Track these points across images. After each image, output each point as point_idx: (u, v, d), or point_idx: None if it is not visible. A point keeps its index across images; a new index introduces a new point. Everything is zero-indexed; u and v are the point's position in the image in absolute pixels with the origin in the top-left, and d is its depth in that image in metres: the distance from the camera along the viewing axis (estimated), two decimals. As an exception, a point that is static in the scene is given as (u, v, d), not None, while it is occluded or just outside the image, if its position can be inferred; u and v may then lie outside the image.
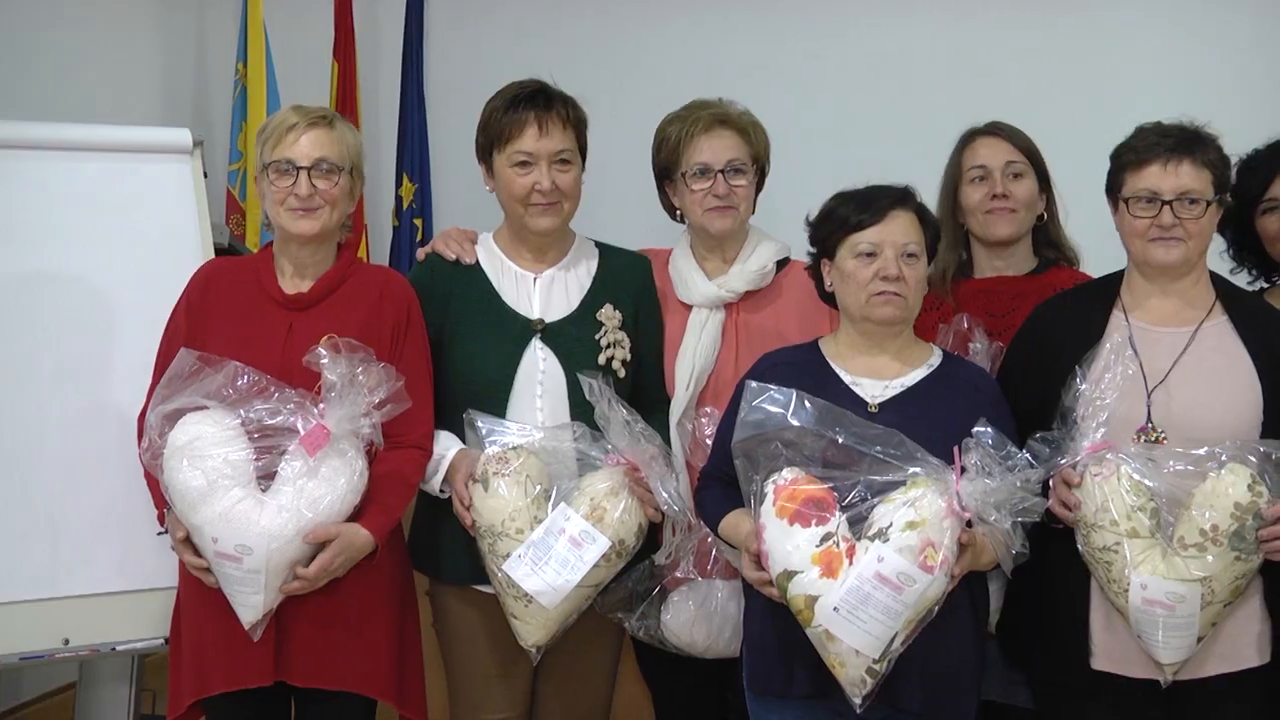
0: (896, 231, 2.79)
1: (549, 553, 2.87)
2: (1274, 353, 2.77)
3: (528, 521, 2.88)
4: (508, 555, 2.87)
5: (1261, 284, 3.42)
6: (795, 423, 2.67)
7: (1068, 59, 4.81)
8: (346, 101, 5.07)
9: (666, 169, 3.27)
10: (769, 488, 2.67)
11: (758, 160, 3.26)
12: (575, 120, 3.11)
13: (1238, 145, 3.25)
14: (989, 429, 2.58)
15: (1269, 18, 4.73)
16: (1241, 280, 3.42)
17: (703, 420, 3.09)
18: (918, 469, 2.61)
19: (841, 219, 2.82)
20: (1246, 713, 2.76)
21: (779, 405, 2.69)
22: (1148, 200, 2.77)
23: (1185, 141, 2.77)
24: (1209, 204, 2.76)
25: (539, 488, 2.92)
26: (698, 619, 3.04)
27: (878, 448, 2.63)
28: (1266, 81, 4.65)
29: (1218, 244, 3.26)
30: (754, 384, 2.73)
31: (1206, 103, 4.09)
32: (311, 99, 3.27)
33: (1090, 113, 3.66)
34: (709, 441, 3.02)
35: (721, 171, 3.19)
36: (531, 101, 3.05)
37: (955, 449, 2.58)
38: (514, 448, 2.93)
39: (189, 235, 3.50)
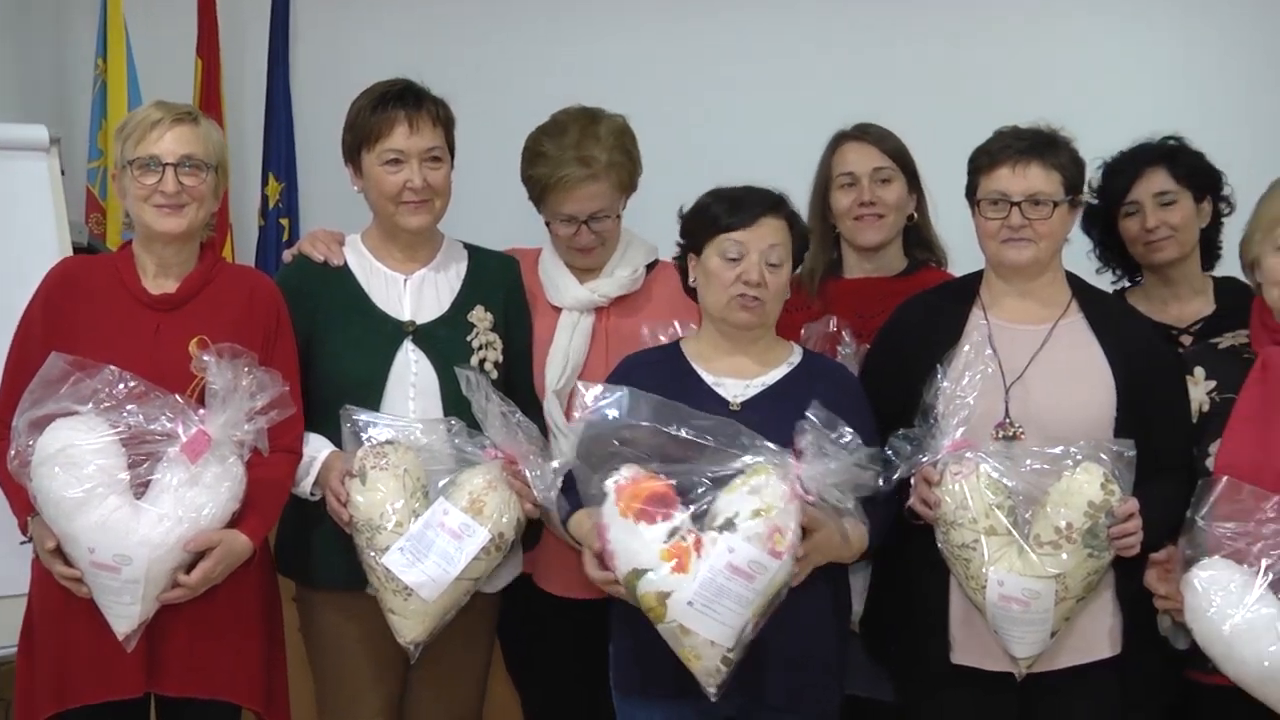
0: (764, 237, 2.87)
1: (429, 546, 2.90)
2: (1127, 351, 2.92)
3: (406, 515, 2.91)
4: (386, 549, 2.90)
5: (1125, 284, 3.58)
6: (630, 420, 2.73)
7: (938, 55, 4.90)
8: (210, 99, 5.04)
9: (534, 201, 3.35)
10: (609, 487, 2.72)
11: (626, 190, 3.33)
12: (444, 119, 3.16)
13: (1112, 141, 3.46)
14: (821, 410, 2.67)
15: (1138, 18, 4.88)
16: (1106, 280, 3.59)
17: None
18: (758, 456, 2.69)
19: (712, 218, 2.90)
20: (1098, 703, 2.89)
21: (613, 404, 2.75)
22: (998, 202, 2.90)
23: (1036, 145, 2.91)
24: (1057, 205, 2.89)
25: (417, 481, 2.96)
26: None
27: (715, 439, 2.69)
28: (1136, 78, 4.80)
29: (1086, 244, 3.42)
30: (585, 383, 2.81)
31: (1083, 100, 4.28)
32: (174, 96, 3.26)
33: (962, 111, 3.76)
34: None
35: (585, 222, 3.27)
36: (401, 100, 3.10)
37: (795, 434, 2.67)
38: (390, 442, 2.97)
39: (46, 234, 3.51)
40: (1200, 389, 2.93)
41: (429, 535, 2.90)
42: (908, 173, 3.49)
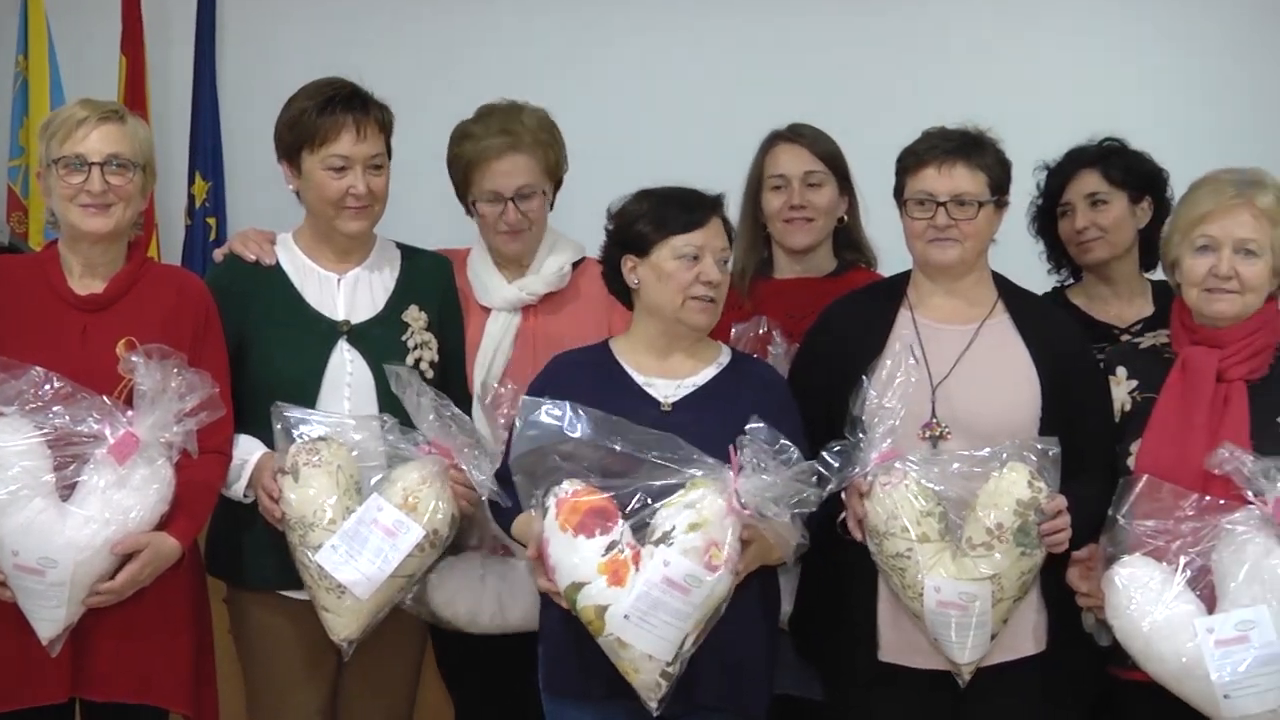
0: (715, 237, 2.92)
1: (363, 543, 2.91)
2: (1051, 350, 2.98)
3: (340, 512, 2.93)
4: (319, 546, 2.92)
5: (1070, 282, 3.68)
6: (571, 434, 2.76)
7: (872, 55, 4.95)
8: (135, 97, 5.01)
9: (461, 186, 3.38)
10: (550, 501, 2.75)
11: (552, 173, 3.37)
12: (388, 124, 3.19)
13: (1051, 143, 3.55)
14: (761, 425, 2.71)
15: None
16: (1053, 279, 3.70)
17: (503, 391, 3.16)
18: (696, 470, 2.72)
19: (663, 220, 2.92)
20: (1024, 699, 2.94)
21: (555, 418, 2.77)
22: (924, 202, 2.95)
23: (962, 145, 2.97)
24: (982, 206, 2.95)
25: (350, 478, 2.98)
26: (460, 591, 3.14)
27: (655, 453, 2.72)
28: (1072, 81, 4.86)
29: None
30: (528, 399, 2.83)
31: (1019, 102, 4.33)
32: (98, 94, 3.24)
33: (893, 112, 3.81)
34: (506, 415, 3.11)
35: (511, 199, 3.30)
36: (348, 105, 3.11)
37: (731, 447, 2.71)
38: (323, 438, 2.99)
39: (-35, 233, 3.48)
40: (1122, 389, 3.00)
41: (362, 532, 2.92)
42: (839, 175, 3.55)
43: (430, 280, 3.29)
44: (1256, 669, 2.64)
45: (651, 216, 2.93)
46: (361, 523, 2.93)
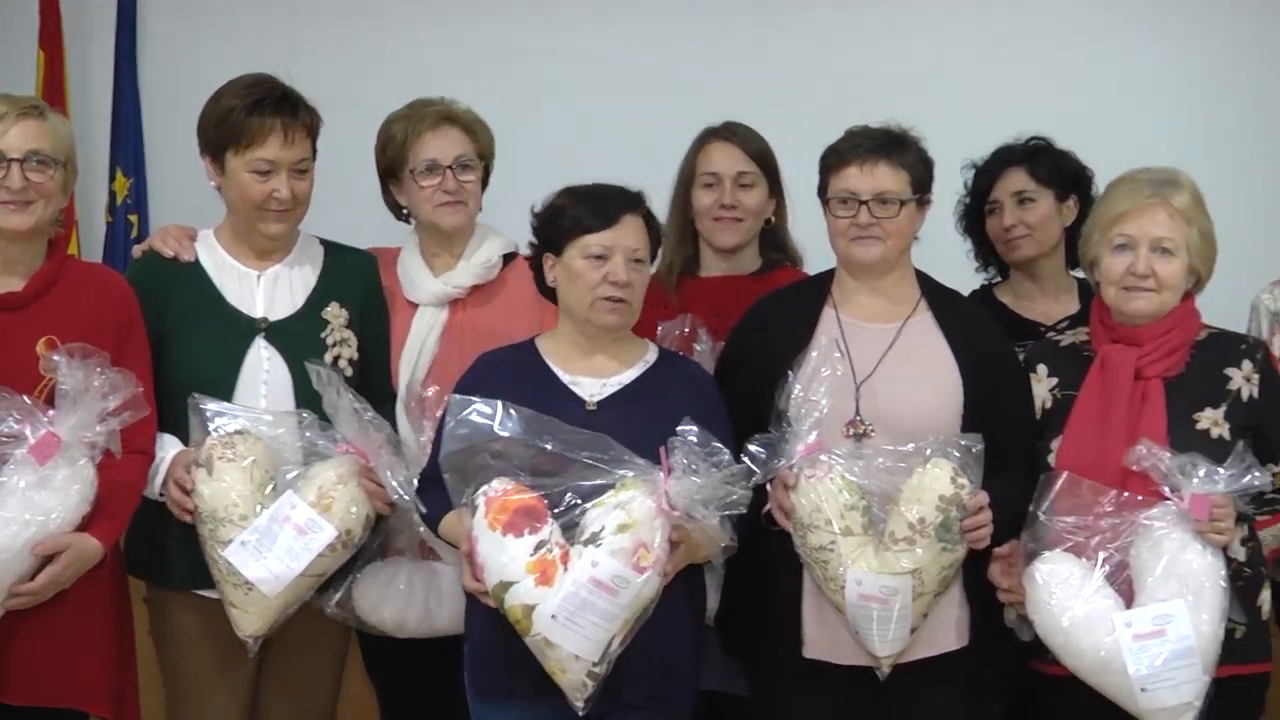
0: (628, 237, 2.92)
1: (273, 540, 2.91)
2: (973, 348, 3.03)
3: (252, 507, 2.93)
4: (229, 542, 2.92)
5: (997, 279, 3.74)
6: (502, 433, 2.78)
7: (799, 54, 4.98)
8: (54, 92, 4.96)
9: (392, 167, 3.39)
10: (479, 500, 2.77)
11: (484, 157, 3.40)
12: (315, 127, 3.19)
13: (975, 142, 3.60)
14: (693, 426, 2.74)
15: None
16: (981, 278, 3.76)
17: (428, 395, 3.17)
18: (627, 471, 2.75)
19: (574, 219, 2.93)
20: (948, 693, 2.99)
21: (485, 417, 2.79)
22: (847, 200, 2.99)
23: (884, 144, 3.00)
24: (905, 204, 2.99)
25: (265, 473, 2.97)
26: (386, 597, 3.14)
27: (586, 453, 2.75)
28: (996, 79, 4.90)
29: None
30: (458, 397, 2.84)
31: (941, 102, 4.36)
32: (16, 90, 3.23)
33: (820, 112, 3.85)
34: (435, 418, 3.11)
35: (450, 167, 3.31)
36: (278, 108, 3.10)
37: (661, 449, 2.73)
38: (240, 432, 2.99)
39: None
40: (1043, 386, 3.06)
41: (274, 529, 2.92)
42: (770, 176, 3.59)
43: (353, 277, 3.29)
44: (1172, 662, 2.70)
45: (565, 215, 2.95)
46: (274, 520, 2.93)
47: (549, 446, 2.76)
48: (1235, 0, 4.77)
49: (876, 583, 2.82)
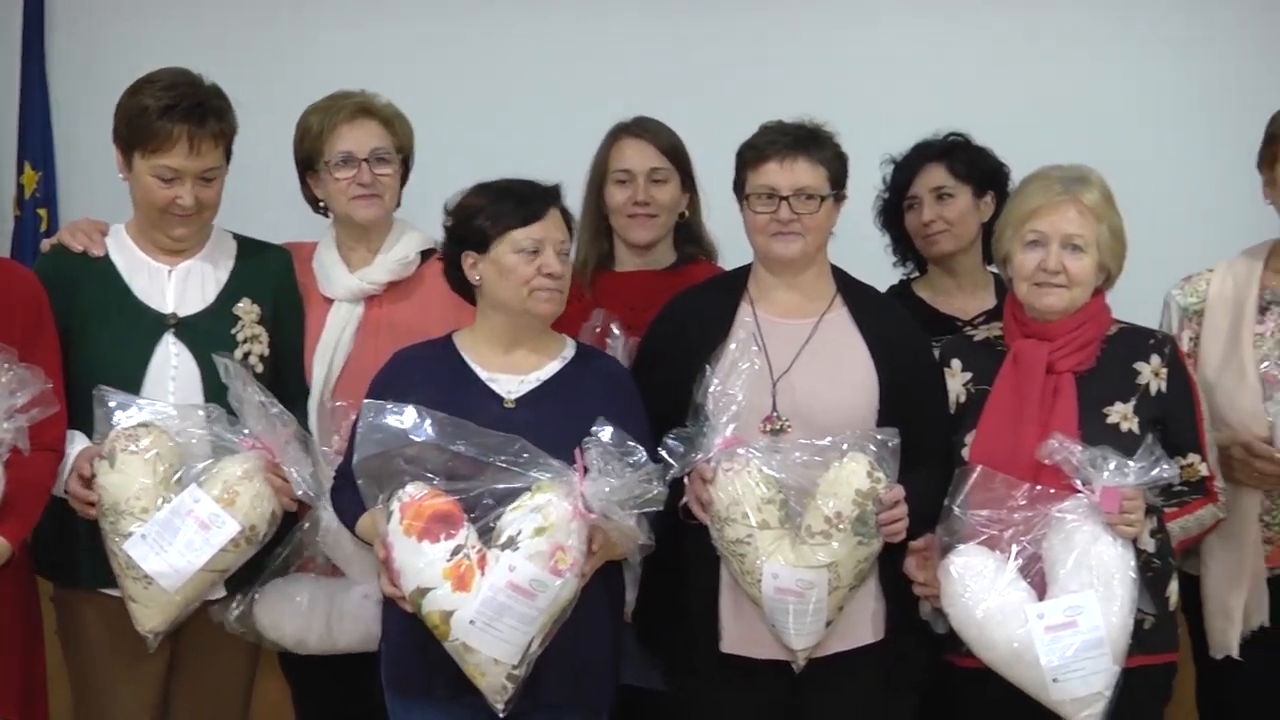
0: (555, 229, 2.95)
1: (174, 534, 2.90)
2: (889, 343, 3.06)
3: (154, 500, 2.92)
4: (130, 534, 2.90)
5: (915, 274, 3.79)
6: (416, 438, 2.77)
7: (712, 49, 4.99)
8: (-43, 87, 4.92)
9: (309, 159, 3.37)
10: (394, 506, 2.76)
11: (402, 150, 3.39)
12: (228, 133, 3.16)
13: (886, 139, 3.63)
14: (608, 427, 2.75)
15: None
16: (899, 273, 3.80)
17: (338, 405, 3.17)
18: (542, 474, 2.76)
19: (501, 214, 2.94)
20: (863, 686, 3.02)
21: (399, 421, 2.79)
22: (766, 196, 3.01)
23: (802, 139, 3.03)
24: (824, 200, 3.02)
25: (169, 466, 2.96)
26: (287, 614, 3.13)
27: (501, 456, 2.75)
28: (904, 75, 4.93)
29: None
30: (371, 401, 2.84)
31: (848, 97, 4.39)
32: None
33: (731, 106, 3.87)
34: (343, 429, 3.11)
35: (365, 160, 3.30)
36: (187, 115, 3.07)
37: (577, 450, 2.74)
38: (145, 424, 2.97)
39: None
40: (957, 380, 3.09)
41: (175, 523, 2.91)
42: (683, 171, 3.61)
43: (266, 273, 3.28)
44: (1083, 653, 2.75)
45: (489, 212, 2.95)
46: (175, 513, 2.91)
47: (463, 450, 2.76)
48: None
49: (793, 576, 2.84)
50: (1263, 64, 4.43)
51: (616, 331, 3.32)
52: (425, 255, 3.41)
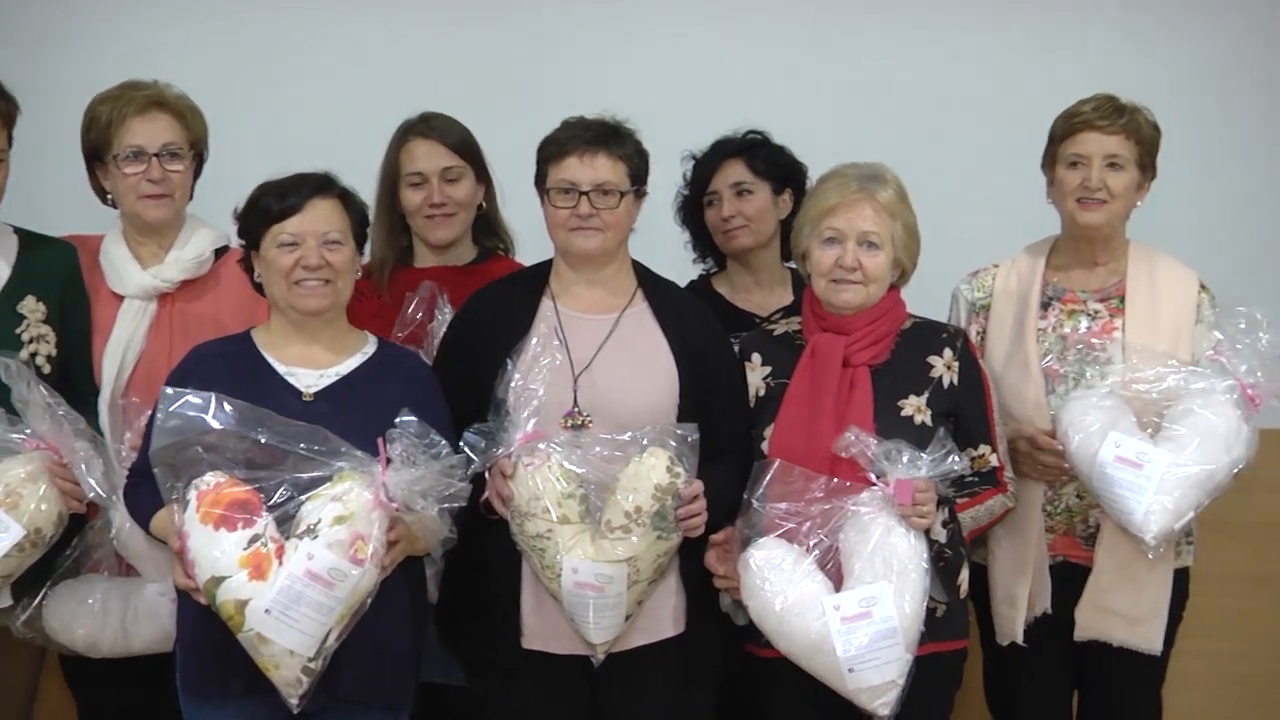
0: (318, 221, 2.92)
1: (-49, 539, 2.83)
2: (689, 338, 3.11)
3: None
4: None
5: (714, 270, 3.83)
6: (215, 425, 2.74)
7: (513, 44, 4.99)
8: None
9: (97, 150, 3.29)
10: (191, 494, 2.73)
11: (196, 145, 3.33)
12: (10, 116, 3.10)
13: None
14: (412, 418, 2.74)
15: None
16: (698, 268, 3.84)
17: (131, 402, 3.12)
18: (344, 463, 2.74)
19: (264, 209, 2.93)
20: (664, 679, 3.06)
21: (197, 409, 2.75)
22: (566, 191, 3.03)
23: (602, 135, 3.05)
24: (624, 195, 3.04)
25: None
26: (78, 616, 3.07)
27: (302, 445, 2.73)
28: (716, 73, 4.95)
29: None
30: (170, 390, 2.79)
31: (654, 95, 4.41)
32: None
33: (532, 104, 3.87)
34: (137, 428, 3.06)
35: (157, 155, 3.24)
36: None
37: (380, 440, 2.74)
38: None
39: None
40: (757, 375, 3.15)
41: None
42: (475, 165, 3.60)
43: (52, 269, 3.21)
44: (877, 642, 2.81)
45: (254, 208, 2.95)
46: None
47: (264, 439, 2.73)
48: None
49: (592, 570, 2.87)
50: (1051, 67, 4.57)
51: (444, 303, 3.31)
52: (220, 252, 3.36)
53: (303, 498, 2.72)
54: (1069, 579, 3.27)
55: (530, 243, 3.53)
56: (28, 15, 4.82)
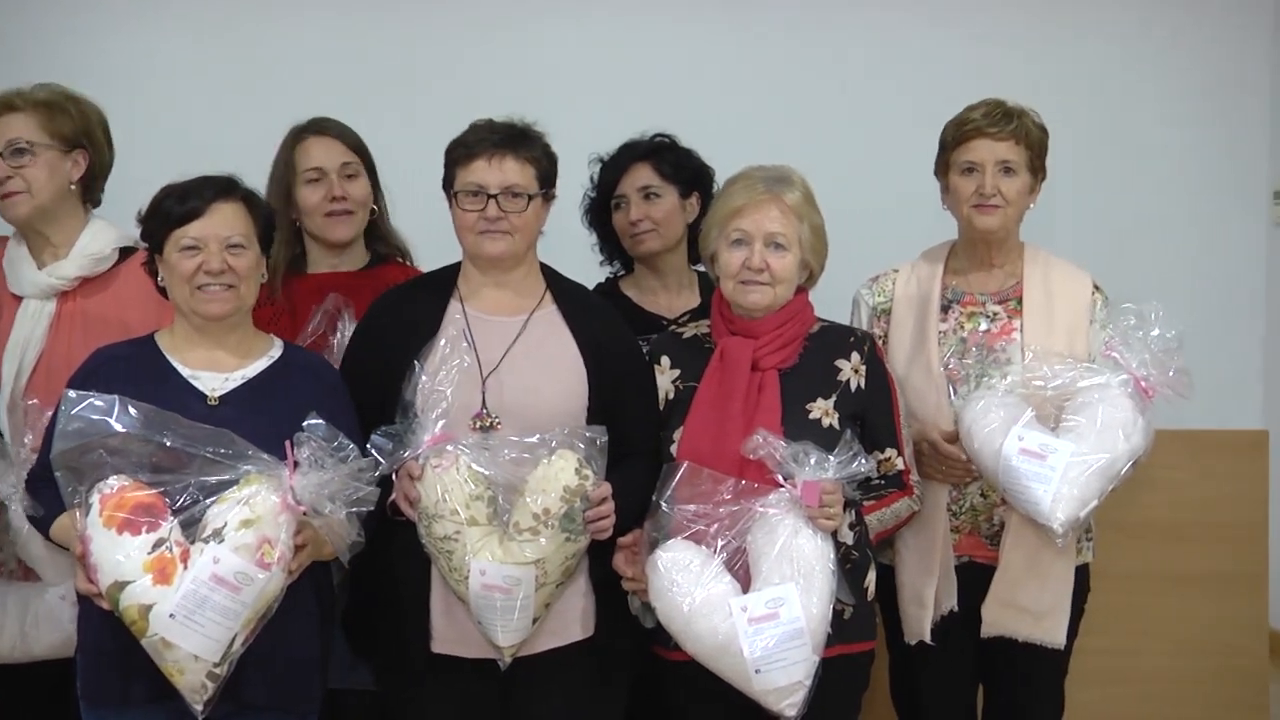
0: (220, 225, 2.89)
1: None
2: (598, 341, 3.11)
3: None
4: None
5: (622, 273, 3.84)
6: (119, 428, 2.71)
7: (418, 46, 4.98)
8: None
9: None
10: (94, 498, 2.70)
11: (67, 140, 3.27)
12: None
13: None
14: (319, 421, 2.73)
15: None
16: (605, 271, 3.86)
17: (31, 404, 3.07)
18: (250, 466, 2.71)
19: (166, 213, 2.90)
20: (574, 682, 3.07)
21: (100, 412, 2.72)
22: (474, 194, 3.03)
23: (510, 138, 3.05)
24: (532, 198, 3.05)
25: None
26: None
27: (209, 448, 2.71)
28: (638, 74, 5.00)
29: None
30: (72, 393, 2.76)
31: (564, 92, 4.42)
32: None
33: (441, 109, 3.88)
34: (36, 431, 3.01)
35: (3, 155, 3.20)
36: None
37: (288, 443, 2.72)
38: None
39: None
40: (666, 377, 3.16)
41: None
42: (369, 168, 3.61)
43: None
44: (784, 643, 2.83)
45: (156, 211, 2.92)
46: None
47: (169, 442, 2.70)
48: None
49: (500, 572, 2.87)
50: (961, 75, 4.62)
51: (348, 316, 3.30)
52: (126, 253, 3.31)
53: (208, 501, 2.70)
54: (974, 578, 3.31)
55: (424, 249, 3.53)
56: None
